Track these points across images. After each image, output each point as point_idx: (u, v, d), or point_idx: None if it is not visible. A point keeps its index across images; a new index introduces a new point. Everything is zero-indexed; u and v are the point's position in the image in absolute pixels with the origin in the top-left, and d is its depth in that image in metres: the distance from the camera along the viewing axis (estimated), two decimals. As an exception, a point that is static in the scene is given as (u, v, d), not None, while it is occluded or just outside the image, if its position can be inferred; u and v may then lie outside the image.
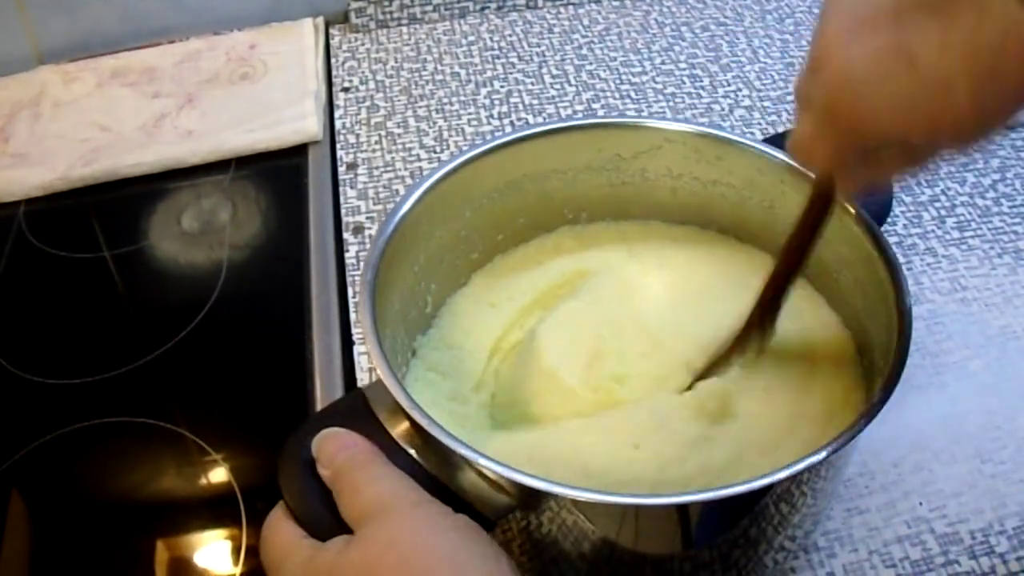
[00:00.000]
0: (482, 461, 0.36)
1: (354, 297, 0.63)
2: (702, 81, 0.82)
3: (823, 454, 0.37)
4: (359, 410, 0.40)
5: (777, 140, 0.53)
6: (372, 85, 0.83)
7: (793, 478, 0.37)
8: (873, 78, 0.34)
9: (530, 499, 0.38)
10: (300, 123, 0.77)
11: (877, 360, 0.45)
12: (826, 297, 0.52)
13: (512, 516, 0.38)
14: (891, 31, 0.33)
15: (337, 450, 0.38)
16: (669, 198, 0.56)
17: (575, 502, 0.37)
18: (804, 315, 0.51)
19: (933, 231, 0.67)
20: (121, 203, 0.74)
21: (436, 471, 0.38)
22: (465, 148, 0.52)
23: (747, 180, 0.53)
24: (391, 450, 0.39)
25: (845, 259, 0.49)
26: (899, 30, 0.33)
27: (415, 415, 0.38)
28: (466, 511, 0.36)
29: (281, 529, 0.37)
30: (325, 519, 0.37)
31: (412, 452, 0.39)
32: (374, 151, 0.76)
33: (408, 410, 0.38)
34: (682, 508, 0.38)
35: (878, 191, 0.46)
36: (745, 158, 0.52)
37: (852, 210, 0.46)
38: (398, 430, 0.39)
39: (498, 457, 0.37)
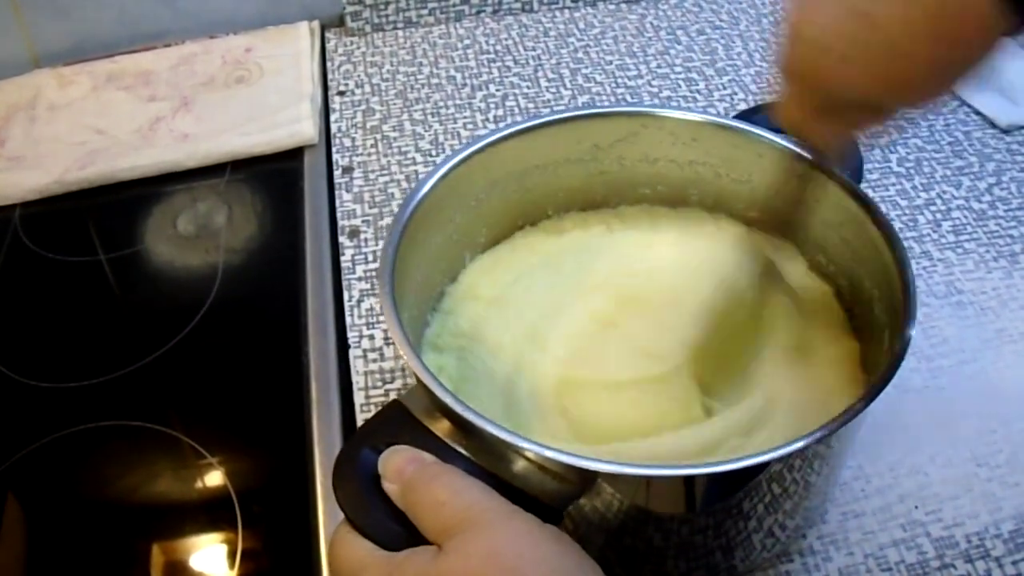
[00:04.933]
0: (548, 453, 0.37)
1: (350, 300, 0.63)
2: (698, 85, 0.83)
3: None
4: (403, 419, 0.40)
5: (749, 115, 0.54)
6: (368, 89, 0.83)
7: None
8: (838, 43, 0.37)
9: (594, 484, 0.38)
10: (296, 126, 0.77)
11: (879, 316, 0.46)
12: (809, 262, 0.54)
13: (574, 505, 0.38)
14: None
15: (405, 463, 0.37)
16: (645, 182, 0.57)
17: (648, 480, 0.38)
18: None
19: (929, 234, 0.67)
20: (117, 206, 0.74)
21: (494, 468, 0.38)
22: (456, 149, 0.52)
23: (723, 157, 0.54)
24: (447, 455, 0.38)
25: (830, 223, 0.50)
26: None
27: (470, 416, 0.38)
28: (533, 506, 0.36)
29: (352, 543, 0.36)
30: (397, 533, 0.36)
31: (467, 453, 0.39)
32: (370, 155, 0.76)
33: (462, 412, 0.38)
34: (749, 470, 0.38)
35: (848, 153, 0.49)
36: (720, 136, 0.53)
37: (834, 177, 0.48)
38: (444, 433, 0.39)
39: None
